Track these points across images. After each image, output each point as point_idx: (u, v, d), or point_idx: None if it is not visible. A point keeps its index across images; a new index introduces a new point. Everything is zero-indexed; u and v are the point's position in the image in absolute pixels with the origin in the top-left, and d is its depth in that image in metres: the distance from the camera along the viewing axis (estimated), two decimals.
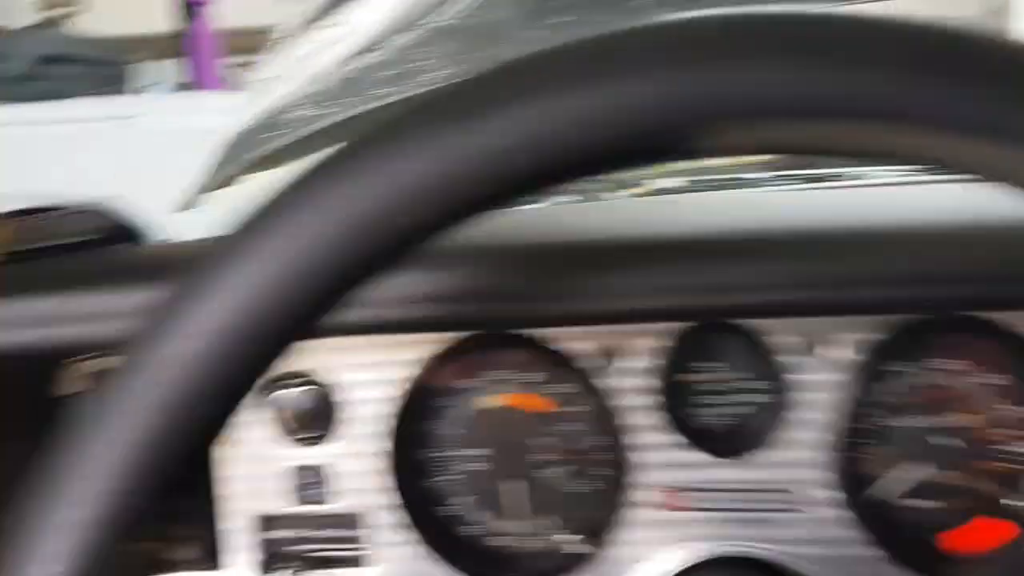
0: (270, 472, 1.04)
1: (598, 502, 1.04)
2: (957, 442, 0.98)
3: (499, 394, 1.05)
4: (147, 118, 2.81)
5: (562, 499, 1.05)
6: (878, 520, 0.97)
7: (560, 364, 1.00)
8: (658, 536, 1.00)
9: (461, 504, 1.06)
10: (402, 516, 1.02)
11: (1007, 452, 0.98)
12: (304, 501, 1.04)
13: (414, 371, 1.01)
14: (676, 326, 0.97)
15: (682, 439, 0.99)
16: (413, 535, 1.02)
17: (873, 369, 0.95)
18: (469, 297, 0.89)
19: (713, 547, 0.99)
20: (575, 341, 0.99)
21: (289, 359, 1.01)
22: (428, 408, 1.05)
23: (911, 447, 0.99)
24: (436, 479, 1.06)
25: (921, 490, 0.99)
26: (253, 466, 1.04)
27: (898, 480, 0.99)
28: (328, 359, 1.03)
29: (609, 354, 0.99)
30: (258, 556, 1.04)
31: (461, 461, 1.06)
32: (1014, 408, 0.97)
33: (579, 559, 1.00)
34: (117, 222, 1.17)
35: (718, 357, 1.01)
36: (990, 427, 0.98)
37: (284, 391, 1.01)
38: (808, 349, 0.96)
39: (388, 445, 1.01)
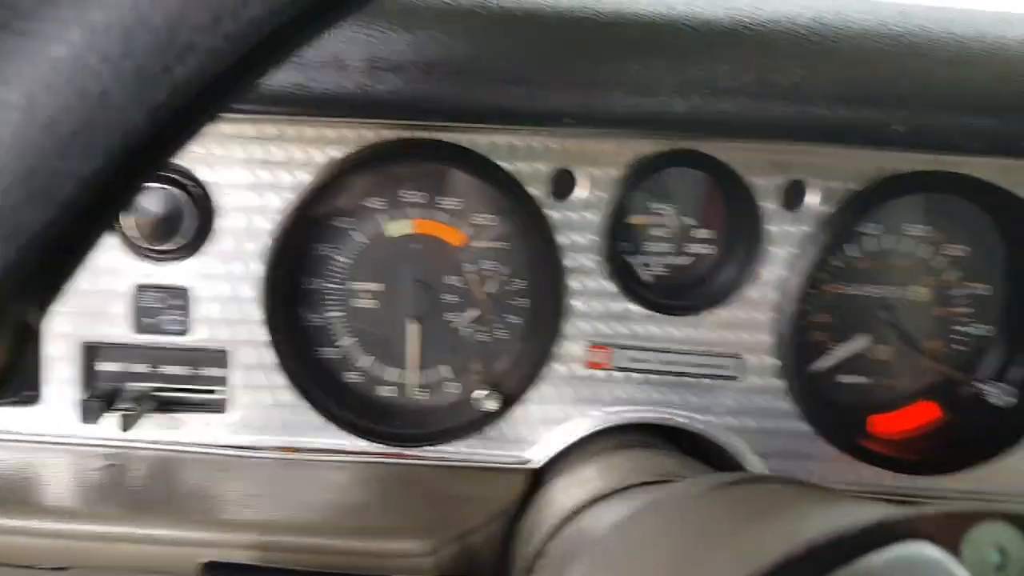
0: (111, 291, 0.83)
1: (505, 355, 0.90)
2: (905, 317, 0.90)
3: (405, 219, 0.87)
4: None
5: (469, 347, 0.90)
6: (815, 395, 0.89)
7: (498, 186, 0.83)
8: (575, 396, 0.88)
9: (347, 346, 0.89)
10: (278, 354, 0.84)
11: (955, 331, 0.92)
12: (155, 329, 0.84)
13: (309, 178, 0.81)
14: (638, 153, 0.82)
15: (622, 289, 0.85)
16: (284, 378, 0.85)
17: (845, 225, 0.84)
18: (444, 71, 0.68)
19: (631, 412, 0.88)
20: (522, 161, 0.82)
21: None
22: (320, 227, 0.86)
23: (859, 319, 0.90)
24: (316, 315, 0.89)
25: (861, 366, 0.92)
26: (89, 282, 0.82)
27: (840, 353, 0.91)
28: (211, 151, 0.81)
29: (560, 180, 0.83)
30: (89, 391, 0.84)
31: (350, 296, 0.88)
32: (966, 284, 0.91)
33: (486, 418, 0.87)
34: None
35: (674, 199, 0.88)
36: (940, 304, 0.91)
37: (146, 188, 0.79)
38: (784, 196, 0.84)
39: (266, 269, 0.82)
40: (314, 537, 0.72)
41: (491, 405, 0.85)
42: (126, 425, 0.78)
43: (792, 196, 0.85)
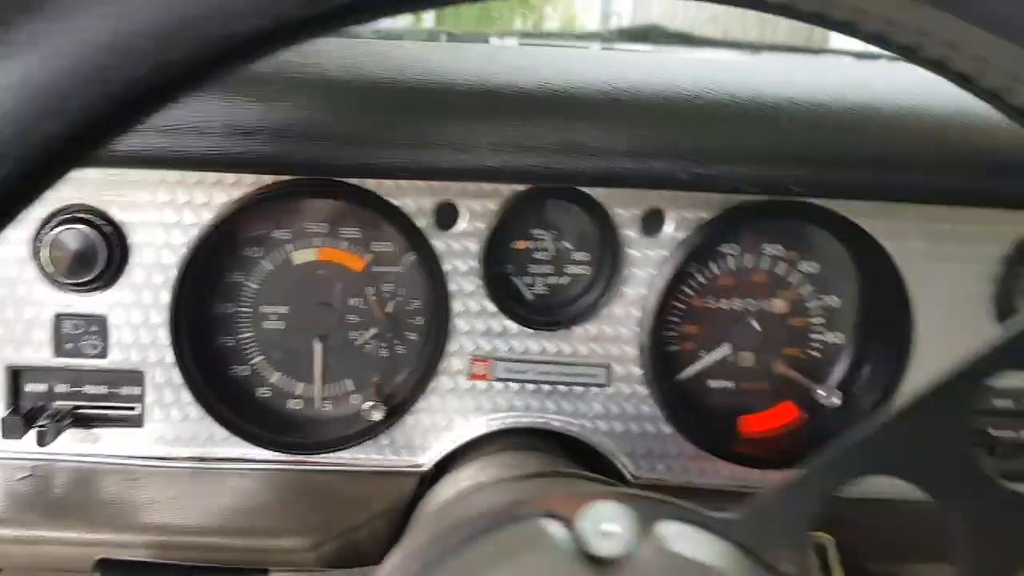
0: (34, 319, 0.92)
1: (404, 368, 1.00)
2: (765, 327, 1.00)
3: (309, 248, 0.96)
4: None
5: (370, 362, 0.99)
6: (683, 400, 0.99)
7: (388, 219, 0.92)
8: (459, 405, 0.97)
9: (257, 364, 0.98)
10: (184, 374, 0.93)
11: (811, 339, 1.01)
12: (75, 353, 0.93)
13: (213, 215, 0.90)
14: (514, 188, 0.91)
15: (501, 308, 0.95)
16: (193, 395, 0.94)
17: (700, 248, 0.93)
18: (291, 134, 0.78)
19: (511, 418, 0.98)
20: (408, 196, 0.91)
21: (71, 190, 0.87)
22: (226, 258, 0.96)
23: (722, 330, 1.00)
24: (229, 337, 0.98)
25: (727, 372, 1.01)
26: (13, 311, 0.91)
27: (705, 361, 1.00)
28: (122, 194, 0.90)
29: (443, 213, 0.92)
30: (15, 409, 0.93)
31: (259, 318, 0.98)
32: (818, 296, 1.00)
33: (375, 426, 0.96)
34: None
35: (553, 226, 0.98)
36: (795, 315, 1.00)
37: (63, 228, 0.88)
38: (643, 224, 0.94)
39: (174, 296, 0.91)
40: (206, 537, 0.81)
41: (376, 415, 0.94)
42: (43, 440, 0.87)
43: (650, 224, 0.94)
